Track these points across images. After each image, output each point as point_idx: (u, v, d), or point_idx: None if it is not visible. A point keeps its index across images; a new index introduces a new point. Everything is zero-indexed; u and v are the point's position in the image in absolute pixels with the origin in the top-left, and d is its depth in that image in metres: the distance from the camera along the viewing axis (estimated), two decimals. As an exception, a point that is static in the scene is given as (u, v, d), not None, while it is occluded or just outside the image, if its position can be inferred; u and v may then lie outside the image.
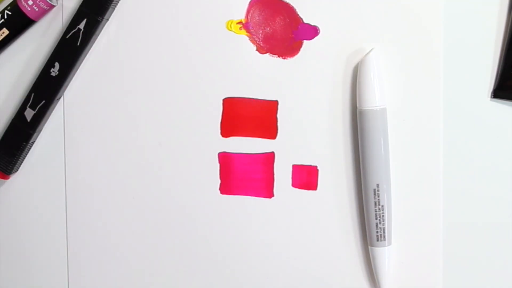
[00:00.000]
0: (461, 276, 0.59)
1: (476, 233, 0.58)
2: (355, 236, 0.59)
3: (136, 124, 0.60)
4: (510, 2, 0.57)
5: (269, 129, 0.59)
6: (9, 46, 0.60)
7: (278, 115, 0.59)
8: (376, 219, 0.57)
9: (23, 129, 0.59)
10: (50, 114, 0.60)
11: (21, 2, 0.58)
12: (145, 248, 0.61)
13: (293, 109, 0.59)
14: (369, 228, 0.57)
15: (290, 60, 0.59)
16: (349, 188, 0.59)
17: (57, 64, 0.58)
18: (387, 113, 0.57)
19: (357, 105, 0.56)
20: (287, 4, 0.58)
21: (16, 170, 0.61)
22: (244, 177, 0.60)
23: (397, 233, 0.59)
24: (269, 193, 0.60)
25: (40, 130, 0.60)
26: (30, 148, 0.60)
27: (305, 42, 0.58)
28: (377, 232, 0.57)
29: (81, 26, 0.58)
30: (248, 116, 0.59)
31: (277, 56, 0.59)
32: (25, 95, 0.59)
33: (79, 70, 0.60)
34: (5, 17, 0.58)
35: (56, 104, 0.60)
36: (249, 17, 0.59)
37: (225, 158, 0.60)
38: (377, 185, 0.56)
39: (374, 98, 0.56)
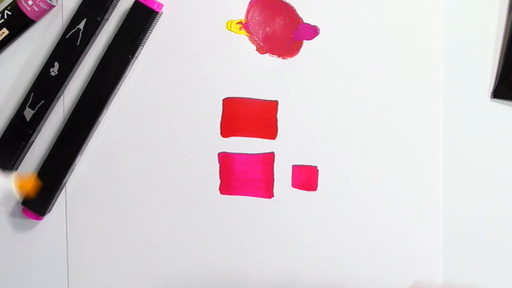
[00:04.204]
0: (461, 274, 0.59)
1: (476, 233, 0.58)
2: (354, 236, 0.59)
3: (136, 124, 0.60)
4: (510, 2, 0.57)
5: (269, 129, 0.59)
6: (9, 46, 0.60)
7: (278, 115, 0.59)
8: None
9: (23, 129, 0.59)
10: (49, 113, 0.60)
11: (21, 2, 0.58)
12: (145, 247, 0.61)
13: (293, 109, 0.59)
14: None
15: (290, 60, 0.59)
16: (349, 188, 0.59)
17: (56, 64, 0.58)
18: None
19: None
20: (287, 4, 0.58)
21: (16, 170, 0.61)
22: (244, 177, 0.60)
23: (397, 232, 0.59)
24: (269, 194, 0.60)
25: (40, 130, 0.60)
26: (30, 147, 0.60)
27: (305, 42, 0.58)
28: None
29: (81, 26, 0.58)
30: (248, 116, 0.59)
31: (277, 56, 0.59)
32: (25, 94, 0.59)
33: (78, 69, 0.60)
34: (5, 17, 0.58)
35: (55, 104, 0.60)
36: (249, 17, 0.59)
37: (225, 158, 0.60)
38: None
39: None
